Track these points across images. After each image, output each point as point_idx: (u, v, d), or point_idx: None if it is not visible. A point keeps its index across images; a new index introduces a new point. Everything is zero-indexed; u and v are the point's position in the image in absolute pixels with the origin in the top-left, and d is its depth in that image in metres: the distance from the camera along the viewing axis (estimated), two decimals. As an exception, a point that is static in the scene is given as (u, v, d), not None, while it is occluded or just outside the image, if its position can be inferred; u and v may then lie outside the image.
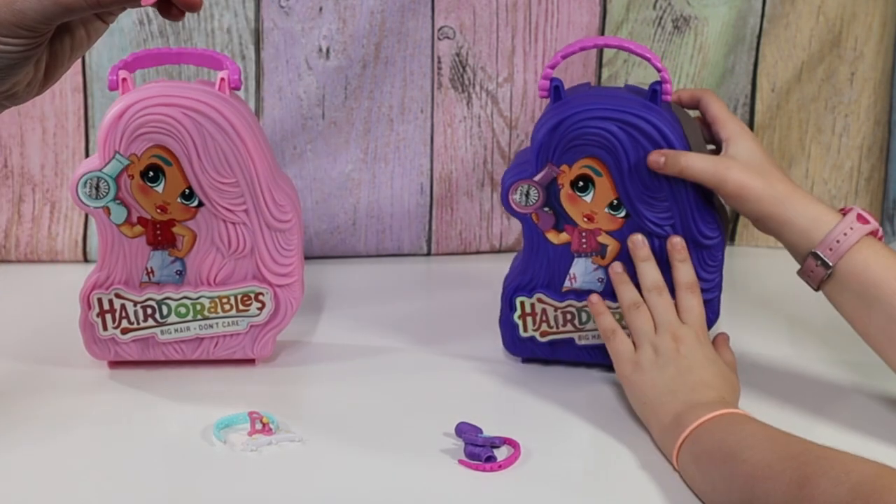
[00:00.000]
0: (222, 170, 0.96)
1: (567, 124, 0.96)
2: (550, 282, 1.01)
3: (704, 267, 0.99)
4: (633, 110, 0.95)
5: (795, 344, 1.10)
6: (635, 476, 0.86)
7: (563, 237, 1.00)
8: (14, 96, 0.64)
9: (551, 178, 0.98)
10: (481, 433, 0.90)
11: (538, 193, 0.98)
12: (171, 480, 0.86)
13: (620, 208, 0.98)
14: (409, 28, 1.28)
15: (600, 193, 0.98)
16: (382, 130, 1.31)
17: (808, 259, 0.92)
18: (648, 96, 0.97)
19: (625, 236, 0.99)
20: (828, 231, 0.91)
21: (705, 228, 0.98)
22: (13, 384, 1.00)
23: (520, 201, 0.99)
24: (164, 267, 1.00)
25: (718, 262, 1.00)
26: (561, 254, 1.00)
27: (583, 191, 0.98)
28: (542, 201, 0.98)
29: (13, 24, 0.60)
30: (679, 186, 0.96)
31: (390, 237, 1.35)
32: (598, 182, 0.97)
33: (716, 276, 1.00)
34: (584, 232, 0.99)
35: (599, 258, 1.00)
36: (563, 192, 0.98)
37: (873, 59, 1.33)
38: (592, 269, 1.00)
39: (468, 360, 1.06)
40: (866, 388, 1.01)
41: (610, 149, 0.96)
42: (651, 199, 0.97)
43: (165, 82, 0.99)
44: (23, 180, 1.29)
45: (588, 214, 0.99)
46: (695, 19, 1.31)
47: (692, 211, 0.97)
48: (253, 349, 1.03)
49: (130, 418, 0.95)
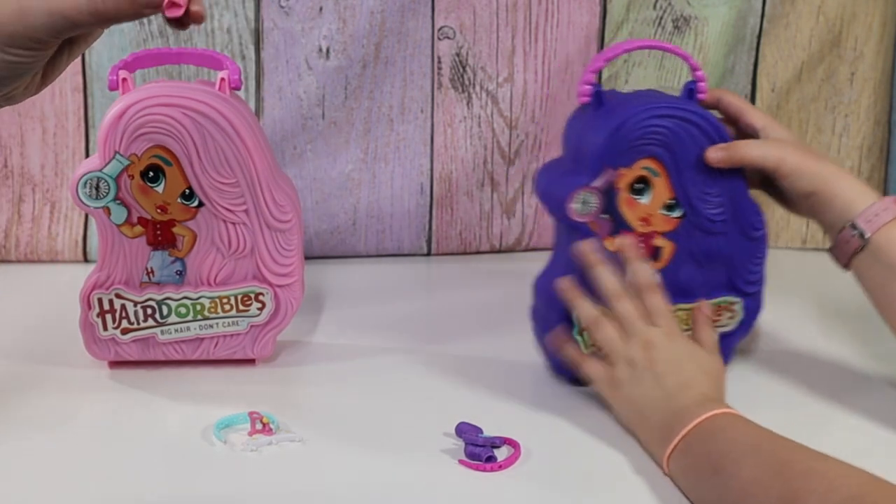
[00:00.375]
0: (222, 170, 0.96)
1: (630, 125, 0.94)
2: None
3: (752, 260, 1.00)
4: (688, 107, 0.95)
5: (810, 337, 1.12)
6: (635, 476, 0.86)
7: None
8: (11, 98, 0.66)
9: (610, 182, 0.95)
10: (481, 433, 0.90)
11: (597, 200, 0.96)
12: (171, 480, 0.86)
13: (675, 208, 0.97)
14: (409, 28, 1.28)
15: (657, 194, 0.97)
16: (382, 130, 1.31)
17: (845, 230, 0.94)
18: (686, 95, 0.97)
19: (679, 237, 0.98)
20: (868, 204, 0.93)
21: (755, 220, 0.98)
22: (13, 384, 1.00)
23: (579, 209, 0.95)
24: (164, 267, 1.00)
25: (763, 255, 1.00)
26: (618, 261, 0.97)
27: (640, 193, 0.96)
28: (600, 208, 0.96)
29: (23, 37, 0.61)
30: (731, 180, 0.96)
31: (390, 237, 1.35)
32: (655, 183, 0.96)
33: (761, 268, 1.01)
34: (640, 236, 0.98)
35: (654, 262, 0.98)
36: (620, 197, 0.96)
37: (873, 59, 1.33)
38: None
39: (468, 360, 1.06)
40: (881, 378, 1.02)
41: (670, 146, 0.95)
42: (706, 195, 0.97)
43: (165, 82, 0.99)
44: (23, 180, 1.29)
45: (644, 217, 0.97)
46: (695, 19, 1.31)
47: (743, 204, 0.98)
48: (253, 349, 1.03)
49: (130, 418, 0.95)
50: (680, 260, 0.99)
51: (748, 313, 1.02)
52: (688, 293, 0.99)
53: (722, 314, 1.01)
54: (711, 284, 1.00)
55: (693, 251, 0.98)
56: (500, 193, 1.35)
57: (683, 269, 0.99)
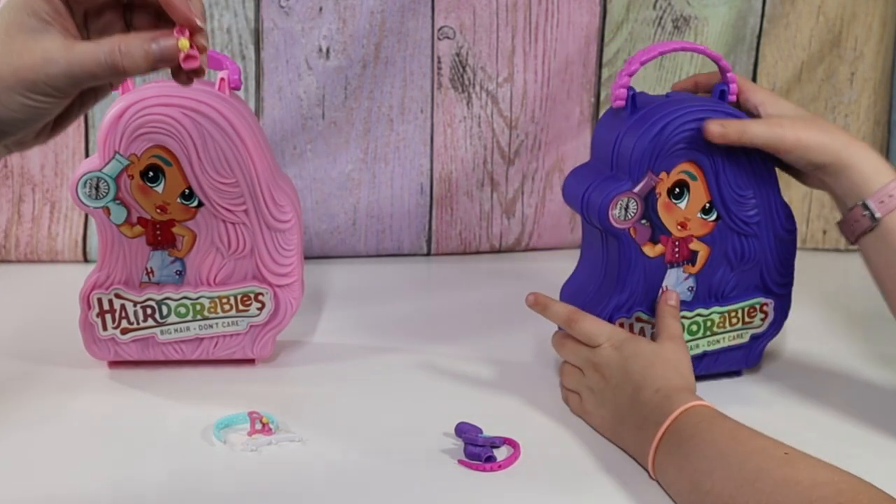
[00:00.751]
0: (222, 170, 0.96)
1: (670, 129, 0.93)
2: (646, 297, 0.98)
3: (783, 260, 0.99)
4: (722, 108, 0.95)
5: (818, 337, 1.11)
6: (635, 475, 0.86)
7: (658, 249, 0.97)
8: (23, 144, 0.70)
9: (651, 187, 0.95)
10: (481, 433, 0.90)
11: (637, 206, 0.95)
12: (170, 480, 0.86)
13: (711, 212, 0.97)
14: (409, 28, 1.28)
15: (695, 198, 0.96)
16: (382, 130, 1.31)
17: (856, 208, 0.93)
18: (717, 96, 0.97)
19: (715, 240, 0.98)
20: (885, 183, 0.92)
21: (786, 220, 0.98)
22: (13, 384, 1.00)
23: (619, 216, 0.94)
24: (163, 267, 1.00)
25: (793, 255, 1.00)
26: (656, 267, 0.98)
27: (678, 197, 0.96)
28: (640, 214, 0.95)
29: (44, 84, 0.64)
30: (764, 181, 0.96)
31: (390, 237, 1.35)
32: (692, 187, 0.96)
33: (791, 268, 1.00)
34: (677, 241, 0.97)
35: (690, 266, 0.98)
36: (659, 202, 0.96)
37: (873, 59, 1.33)
38: (683, 278, 0.99)
39: (468, 360, 1.06)
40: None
41: (707, 149, 0.94)
42: (741, 197, 0.96)
43: (165, 82, 0.99)
44: (23, 180, 1.29)
45: (682, 222, 0.97)
46: (695, 19, 1.31)
47: (775, 205, 0.97)
48: (253, 349, 1.03)
49: (130, 418, 0.95)
50: (715, 263, 0.98)
51: (778, 314, 1.02)
52: (722, 297, 1.00)
53: (755, 315, 1.01)
54: (744, 286, 1.00)
55: (727, 254, 0.98)
56: (500, 193, 1.35)
57: (718, 272, 0.99)
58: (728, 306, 1.00)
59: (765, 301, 1.01)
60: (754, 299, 1.00)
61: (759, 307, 1.01)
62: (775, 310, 1.01)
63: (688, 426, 0.83)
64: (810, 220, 1.39)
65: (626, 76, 0.95)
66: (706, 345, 1.00)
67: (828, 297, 1.23)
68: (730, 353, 1.02)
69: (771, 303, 1.01)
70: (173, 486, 0.85)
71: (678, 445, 0.82)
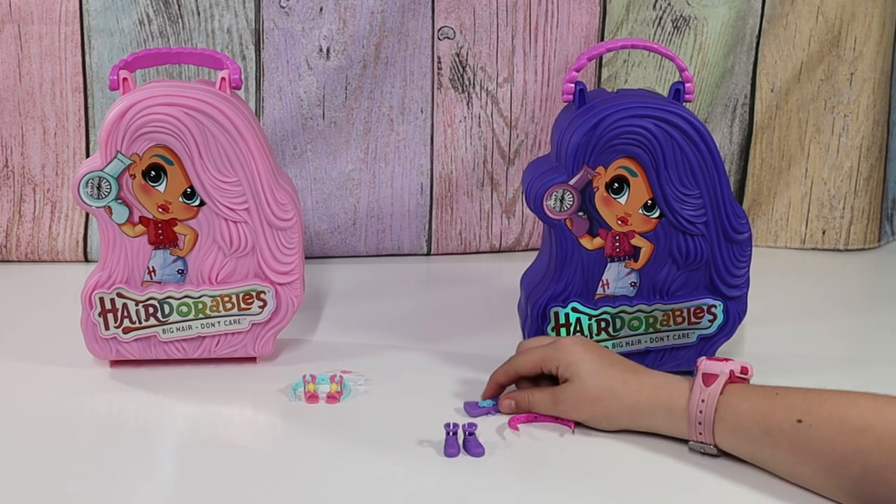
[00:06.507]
0: (224, 169, 0.97)
1: (606, 124, 0.94)
2: (584, 289, 0.99)
3: (735, 263, 0.99)
4: (667, 107, 0.95)
5: (797, 340, 1.11)
6: (635, 475, 0.86)
7: (597, 242, 0.98)
8: None
9: (587, 181, 0.96)
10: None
11: (573, 198, 0.96)
12: (172, 479, 0.86)
13: (654, 209, 0.97)
14: (409, 28, 1.28)
15: (635, 194, 0.97)
16: (382, 130, 1.32)
17: (691, 445, 0.88)
18: (672, 96, 0.97)
19: (659, 238, 0.98)
20: (682, 408, 0.87)
21: (737, 223, 0.98)
22: (14, 384, 1.00)
23: (554, 207, 0.96)
24: (165, 266, 1.00)
25: (747, 258, 1.00)
26: (595, 260, 0.99)
27: (618, 192, 0.97)
28: (576, 206, 0.96)
29: None
30: (711, 182, 0.96)
31: (390, 237, 1.35)
32: (633, 183, 0.96)
33: (745, 271, 1.00)
34: (618, 235, 0.98)
35: (633, 262, 0.99)
36: (597, 195, 0.97)
37: (872, 60, 1.34)
38: (625, 273, 0.99)
39: (468, 360, 1.06)
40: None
41: (648, 147, 0.95)
42: (685, 196, 0.96)
43: (166, 82, 0.99)
44: (24, 180, 1.29)
45: (622, 217, 0.97)
46: (694, 19, 1.31)
47: (725, 206, 0.97)
48: (254, 347, 1.03)
49: (132, 417, 0.95)
50: (659, 260, 0.99)
51: (729, 317, 1.01)
52: (667, 294, 1.00)
53: (702, 316, 1.01)
54: (692, 286, 1.00)
55: (672, 252, 0.98)
56: (500, 193, 1.36)
57: (663, 270, 0.99)
58: (672, 304, 1.00)
59: (713, 303, 1.00)
60: (701, 300, 1.00)
61: (706, 308, 1.00)
62: (725, 312, 1.00)
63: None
64: (810, 220, 1.39)
65: (573, 71, 0.98)
66: (648, 341, 1.01)
67: (827, 297, 1.23)
68: (677, 352, 1.02)
69: (719, 305, 1.00)
70: (175, 484, 0.85)
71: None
